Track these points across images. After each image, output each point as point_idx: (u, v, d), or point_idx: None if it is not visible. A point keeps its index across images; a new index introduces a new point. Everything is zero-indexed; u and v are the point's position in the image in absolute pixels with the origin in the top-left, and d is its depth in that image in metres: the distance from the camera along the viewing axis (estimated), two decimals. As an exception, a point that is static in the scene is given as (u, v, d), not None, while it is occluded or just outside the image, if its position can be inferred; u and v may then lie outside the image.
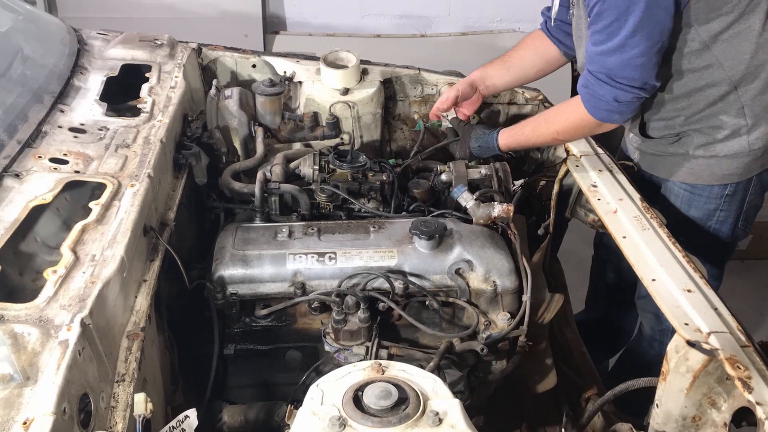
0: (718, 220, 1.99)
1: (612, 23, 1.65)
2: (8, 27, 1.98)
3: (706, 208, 1.97)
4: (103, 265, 1.29)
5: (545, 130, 1.90)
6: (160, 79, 2.06)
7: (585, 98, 1.78)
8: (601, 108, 1.76)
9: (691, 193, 1.97)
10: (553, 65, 2.20)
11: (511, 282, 1.69)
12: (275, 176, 1.91)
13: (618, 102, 1.73)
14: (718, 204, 1.96)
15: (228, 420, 1.64)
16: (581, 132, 1.89)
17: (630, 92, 1.71)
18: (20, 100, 1.70)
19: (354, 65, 2.21)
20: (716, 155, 1.87)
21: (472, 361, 1.75)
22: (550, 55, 2.16)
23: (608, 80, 1.71)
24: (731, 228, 2.01)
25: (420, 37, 4.05)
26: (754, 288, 3.39)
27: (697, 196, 1.96)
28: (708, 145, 1.87)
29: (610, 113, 1.76)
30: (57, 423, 1.00)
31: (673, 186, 2.00)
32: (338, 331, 1.63)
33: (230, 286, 1.66)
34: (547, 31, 2.14)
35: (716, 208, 1.97)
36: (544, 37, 2.15)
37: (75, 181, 1.53)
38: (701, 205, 1.97)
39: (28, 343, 1.11)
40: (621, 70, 1.69)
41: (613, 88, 1.71)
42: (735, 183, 1.92)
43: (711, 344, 1.26)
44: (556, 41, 2.12)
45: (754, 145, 1.84)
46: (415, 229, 1.69)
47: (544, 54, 2.16)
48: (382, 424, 1.14)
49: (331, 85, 2.21)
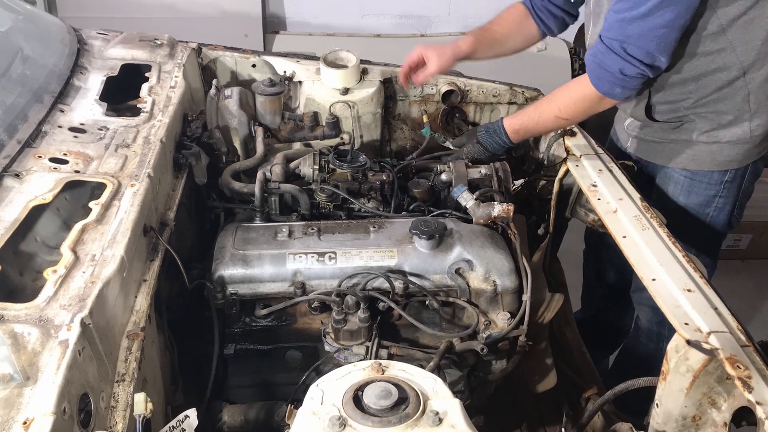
0: (716, 206, 2.01)
1: None
2: (8, 27, 1.98)
3: (706, 194, 1.99)
4: (103, 265, 1.29)
5: (547, 108, 1.90)
6: (160, 78, 2.06)
7: (591, 67, 1.78)
8: (606, 79, 1.76)
9: (691, 179, 1.98)
10: (529, 43, 2.20)
11: (511, 282, 1.69)
12: (275, 176, 1.91)
13: (623, 75, 1.72)
14: (717, 190, 1.98)
15: (228, 420, 1.64)
16: (582, 107, 1.86)
17: (637, 67, 1.71)
18: (20, 100, 1.70)
19: (354, 65, 2.21)
20: (719, 141, 1.89)
21: (472, 360, 1.75)
22: (529, 34, 2.17)
23: (619, 50, 1.70)
24: (728, 215, 2.04)
25: (420, 36, 4.05)
26: (754, 288, 3.39)
27: (698, 182, 1.98)
28: (711, 131, 1.89)
29: (612, 85, 1.76)
30: (57, 423, 1.00)
31: (672, 173, 2.01)
32: (338, 331, 1.63)
33: (230, 286, 1.66)
34: (531, 8, 2.13)
35: (716, 195, 1.99)
36: (525, 14, 2.14)
37: (75, 180, 1.53)
38: (701, 191, 1.99)
39: (28, 343, 1.11)
40: (638, 40, 1.68)
41: (621, 59, 1.70)
42: (735, 169, 1.95)
43: (711, 344, 1.26)
44: (538, 19, 2.12)
45: (755, 132, 1.87)
46: (415, 229, 1.69)
47: (525, 32, 2.16)
48: (382, 423, 1.14)
49: (332, 84, 2.21)
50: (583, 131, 2.07)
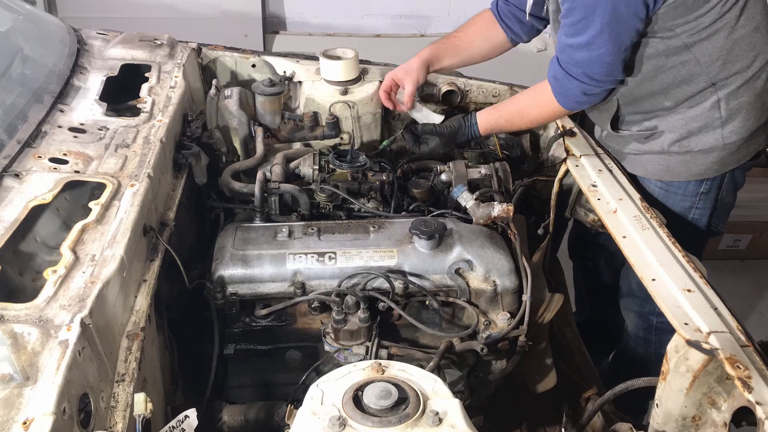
0: (693, 218, 1.99)
1: (580, 21, 1.70)
2: (8, 27, 1.98)
3: (682, 206, 1.97)
4: (103, 265, 1.29)
5: (519, 122, 2.03)
6: (159, 79, 2.06)
7: (555, 89, 1.86)
8: (572, 100, 1.86)
9: (666, 190, 1.97)
10: (498, 51, 2.22)
11: (511, 282, 1.69)
12: (275, 176, 1.91)
13: (586, 95, 1.84)
14: (693, 202, 1.96)
15: (228, 420, 1.64)
16: (553, 119, 2.04)
17: (597, 86, 1.80)
18: (20, 100, 1.70)
19: (353, 57, 2.21)
20: (691, 150, 1.87)
21: (472, 361, 1.75)
22: (498, 41, 2.18)
23: (578, 74, 1.79)
24: (706, 226, 2.01)
25: (420, 36, 4.06)
26: (754, 288, 3.39)
27: (672, 193, 1.97)
28: (682, 140, 1.87)
29: (579, 103, 1.89)
30: (57, 423, 1.00)
31: (648, 183, 2.00)
32: (338, 331, 1.63)
33: (230, 286, 1.66)
34: (497, 14, 2.14)
35: (691, 206, 1.97)
36: (492, 21, 2.15)
37: (75, 181, 1.53)
38: (677, 202, 1.97)
39: (28, 343, 1.11)
40: (589, 66, 1.76)
41: (581, 83, 1.79)
42: (710, 179, 1.93)
43: (711, 344, 1.26)
44: (505, 26, 2.13)
45: (728, 139, 1.84)
46: (415, 229, 1.69)
47: (492, 39, 2.18)
48: (382, 424, 1.14)
49: (331, 77, 2.21)
50: (583, 131, 2.08)
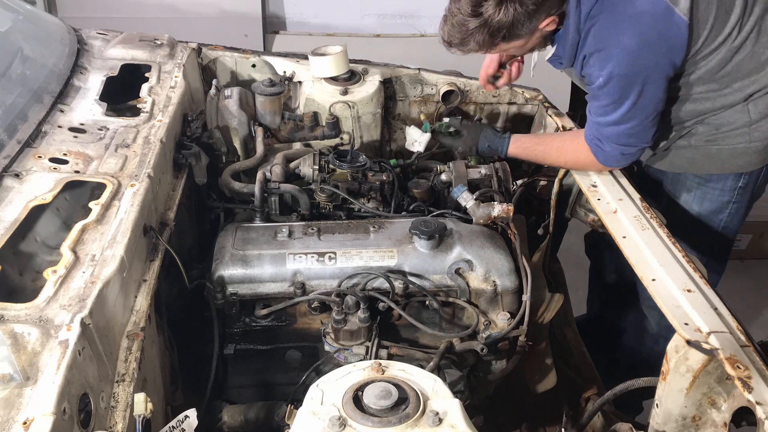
0: (730, 212, 2.00)
1: (608, 105, 1.75)
2: (8, 27, 1.98)
3: (720, 201, 1.98)
4: (103, 265, 1.29)
5: (555, 158, 1.97)
6: (160, 79, 2.06)
7: (595, 151, 1.85)
8: (612, 161, 1.85)
9: (704, 186, 1.97)
10: None
11: (511, 282, 1.69)
12: (275, 176, 1.91)
13: (624, 155, 1.84)
14: (731, 196, 1.97)
15: (228, 420, 1.64)
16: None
17: (634, 147, 1.82)
18: (20, 100, 1.70)
19: (341, 51, 2.21)
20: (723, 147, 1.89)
21: (472, 361, 1.75)
22: None
23: (614, 144, 1.80)
24: (741, 220, 2.03)
25: (420, 37, 4.05)
26: (754, 288, 3.39)
27: (711, 188, 1.97)
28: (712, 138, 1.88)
29: (618, 162, 1.87)
30: (57, 423, 1.00)
31: (683, 179, 2.00)
32: (338, 331, 1.63)
33: (230, 286, 1.66)
34: None
35: (729, 201, 1.98)
36: None
37: (75, 181, 1.53)
38: (715, 197, 1.98)
39: (28, 343, 1.11)
40: (618, 138, 1.79)
41: (618, 145, 1.81)
42: (748, 174, 1.93)
43: (711, 344, 1.26)
44: None
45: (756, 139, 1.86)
46: (415, 229, 1.69)
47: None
48: (382, 424, 1.14)
49: (321, 74, 2.21)
50: (583, 131, 2.07)
